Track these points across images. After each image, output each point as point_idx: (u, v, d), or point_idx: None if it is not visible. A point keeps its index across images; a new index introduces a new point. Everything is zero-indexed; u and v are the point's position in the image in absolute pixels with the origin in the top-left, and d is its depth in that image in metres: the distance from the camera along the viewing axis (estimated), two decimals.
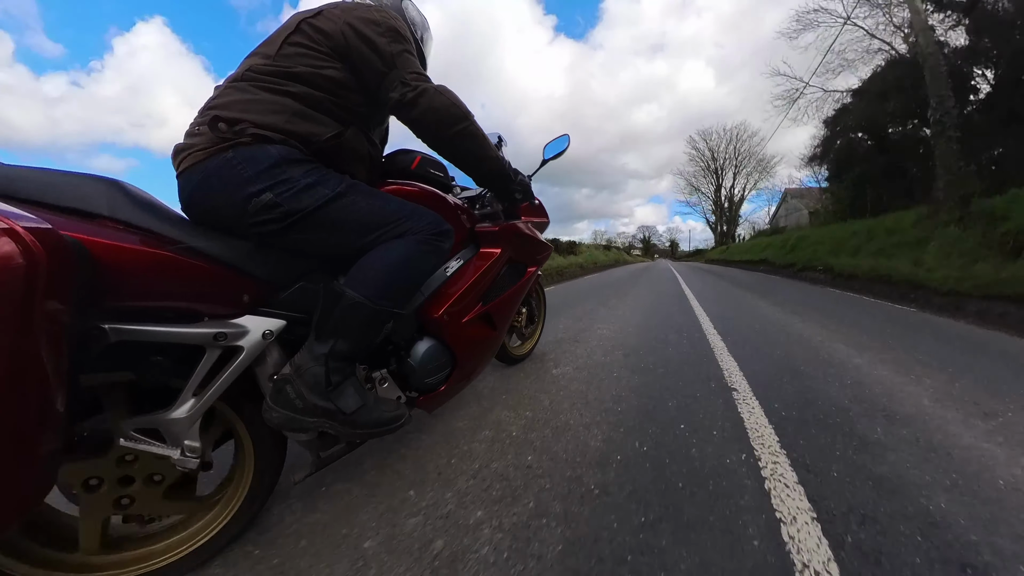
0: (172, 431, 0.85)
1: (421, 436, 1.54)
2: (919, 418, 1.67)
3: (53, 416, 0.62)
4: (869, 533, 1.00)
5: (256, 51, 1.03)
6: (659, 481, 1.23)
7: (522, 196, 1.39)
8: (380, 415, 1.00)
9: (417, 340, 1.24)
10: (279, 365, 0.98)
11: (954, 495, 1.16)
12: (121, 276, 0.75)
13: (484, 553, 0.95)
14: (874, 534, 0.99)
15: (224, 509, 0.99)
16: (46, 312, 0.58)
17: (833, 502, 1.12)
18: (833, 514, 1.07)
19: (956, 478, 1.24)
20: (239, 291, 0.91)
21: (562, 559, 0.93)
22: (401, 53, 1.04)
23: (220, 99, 0.97)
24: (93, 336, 0.74)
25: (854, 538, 0.98)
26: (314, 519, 1.10)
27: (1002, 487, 1.20)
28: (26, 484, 0.61)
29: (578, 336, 3.22)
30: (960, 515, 1.07)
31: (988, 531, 1.01)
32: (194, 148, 0.92)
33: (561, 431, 1.56)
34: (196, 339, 0.84)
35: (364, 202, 1.01)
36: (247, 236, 0.94)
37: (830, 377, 2.18)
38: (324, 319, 0.94)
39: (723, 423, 1.61)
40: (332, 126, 1.02)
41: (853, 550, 0.94)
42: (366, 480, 1.26)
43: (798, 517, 1.05)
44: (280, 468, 1.06)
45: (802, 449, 1.41)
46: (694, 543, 0.97)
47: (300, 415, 0.92)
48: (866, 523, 1.03)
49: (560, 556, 0.94)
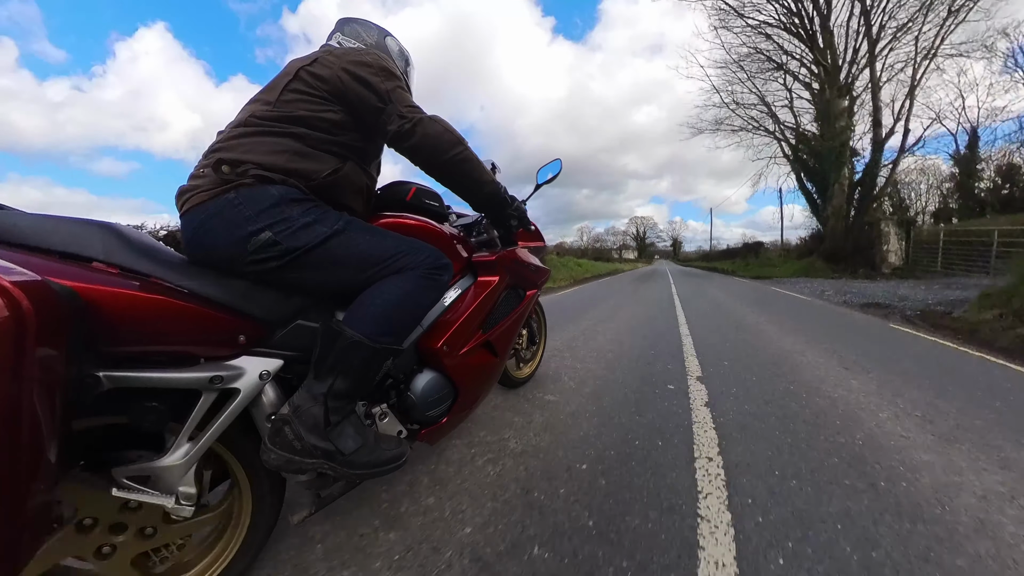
0: (167, 478, 0.83)
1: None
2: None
3: (46, 466, 0.61)
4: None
5: (257, 98, 1.07)
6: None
7: (518, 223, 1.40)
8: (380, 455, 0.98)
9: (417, 373, 1.23)
10: (276, 405, 0.96)
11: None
12: (115, 322, 0.74)
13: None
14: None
15: (222, 553, 0.96)
16: (37, 365, 0.57)
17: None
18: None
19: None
20: (235, 332, 0.90)
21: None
22: (395, 89, 1.08)
23: (224, 143, 1.00)
24: (87, 384, 0.73)
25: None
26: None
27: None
28: (20, 535, 0.59)
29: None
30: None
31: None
32: (198, 190, 0.94)
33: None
34: (192, 383, 0.83)
35: (362, 238, 1.02)
36: (246, 275, 0.94)
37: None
38: (323, 358, 0.93)
39: None
40: (331, 162, 1.05)
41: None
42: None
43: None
44: (279, 509, 1.03)
45: None
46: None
47: (299, 456, 0.90)
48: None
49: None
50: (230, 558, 0.96)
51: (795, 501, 1.31)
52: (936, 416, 2.04)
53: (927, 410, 2.11)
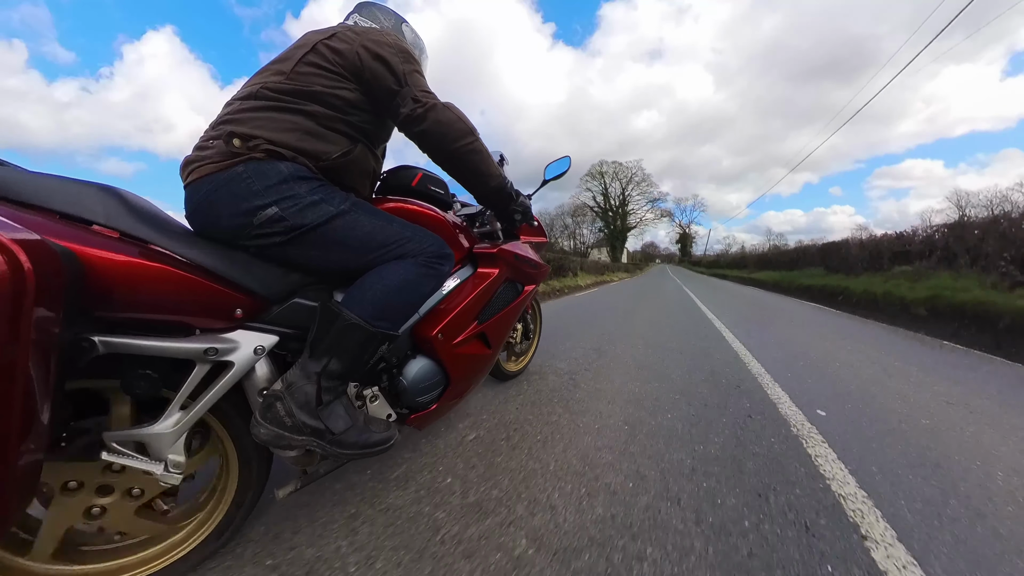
0: (156, 445, 0.83)
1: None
2: None
3: (37, 427, 0.61)
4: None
5: (269, 67, 1.04)
6: None
7: (522, 217, 1.40)
8: (368, 437, 0.99)
9: (410, 358, 1.23)
10: (269, 380, 0.96)
11: None
12: (112, 287, 0.74)
13: None
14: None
15: (202, 525, 0.97)
16: (33, 324, 0.57)
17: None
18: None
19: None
20: (232, 305, 0.90)
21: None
22: (412, 72, 1.07)
23: (234, 115, 0.98)
24: (81, 347, 0.73)
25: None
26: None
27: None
28: (8, 496, 0.59)
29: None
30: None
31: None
32: (205, 161, 0.93)
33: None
34: (186, 354, 0.83)
35: (367, 221, 1.02)
36: (247, 249, 0.94)
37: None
38: (319, 338, 0.93)
39: None
40: (342, 144, 1.04)
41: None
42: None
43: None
44: (264, 483, 1.04)
45: None
46: None
47: (289, 432, 0.91)
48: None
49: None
50: (213, 527, 0.97)
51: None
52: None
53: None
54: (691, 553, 1.03)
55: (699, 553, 1.03)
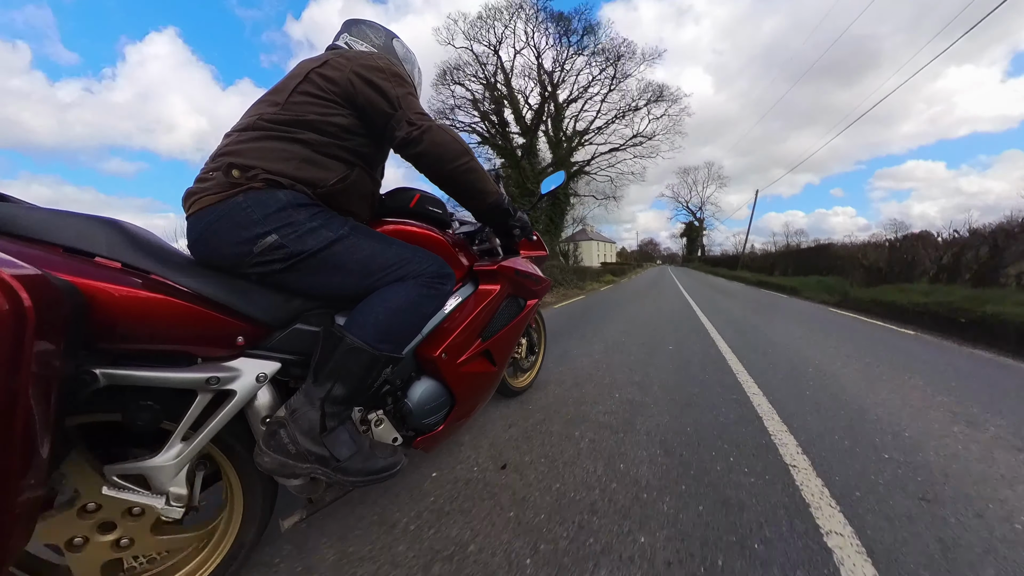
0: (158, 478, 0.82)
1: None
2: None
3: (37, 462, 0.60)
4: None
5: (265, 99, 1.07)
6: None
7: (521, 232, 1.40)
8: (374, 463, 0.97)
9: (415, 380, 1.22)
10: (272, 408, 0.95)
11: None
12: (114, 319, 0.74)
13: None
14: None
15: (208, 559, 0.95)
16: (34, 360, 0.57)
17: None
18: None
19: None
20: (234, 333, 0.89)
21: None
22: (405, 95, 1.08)
23: (232, 147, 0.99)
24: (83, 380, 0.73)
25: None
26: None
27: None
28: (7, 532, 0.58)
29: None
30: None
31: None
32: (206, 192, 0.94)
33: None
34: (188, 383, 0.82)
35: (366, 244, 1.02)
36: (249, 276, 0.94)
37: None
38: (322, 363, 0.93)
39: None
40: (339, 169, 1.05)
41: None
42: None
43: None
44: (270, 513, 1.02)
45: None
46: None
47: (293, 460, 0.89)
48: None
49: None
50: (218, 561, 0.95)
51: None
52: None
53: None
54: None
55: None
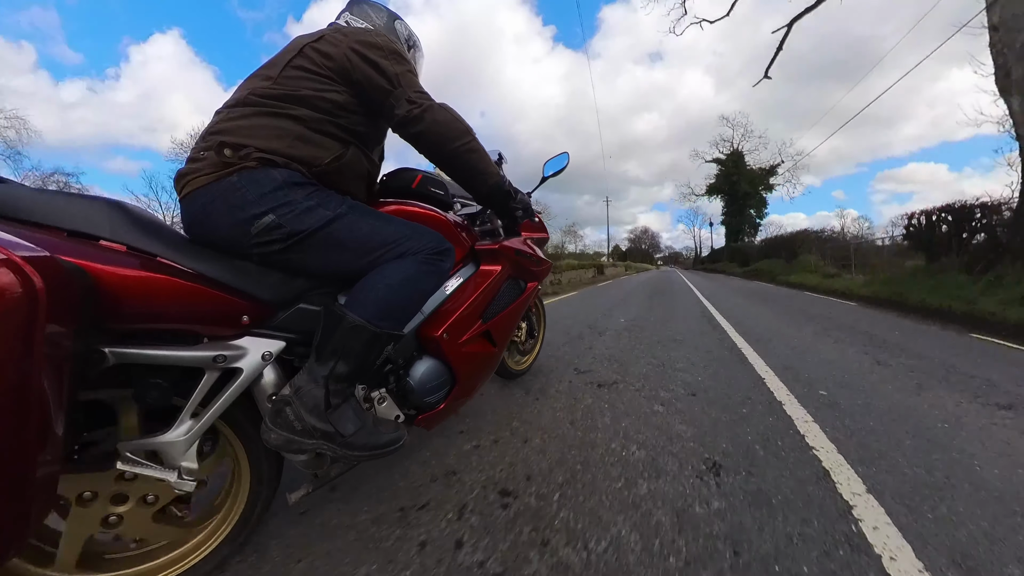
0: (170, 453, 0.84)
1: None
2: None
3: (52, 439, 0.62)
4: None
5: (257, 73, 1.04)
6: None
7: (522, 214, 1.40)
8: (377, 438, 1.00)
9: (416, 359, 1.24)
10: (277, 385, 0.98)
11: None
12: (122, 300, 0.75)
13: None
14: None
15: (218, 529, 0.99)
16: (46, 340, 0.58)
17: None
18: None
19: None
20: (239, 312, 0.91)
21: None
22: (404, 73, 1.07)
23: (224, 124, 0.98)
24: (93, 359, 0.75)
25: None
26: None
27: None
28: (28, 507, 0.61)
29: None
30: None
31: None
32: (198, 172, 0.93)
33: None
34: (195, 362, 0.84)
35: (365, 222, 1.02)
36: (249, 257, 0.95)
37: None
38: (324, 341, 0.94)
39: None
40: (333, 148, 1.04)
41: None
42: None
43: None
44: (276, 488, 1.06)
45: None
46: None
47: (299, 437, 0.92)
48: None
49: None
50: (226, 533, 0.99)
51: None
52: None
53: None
54: None
55: None
